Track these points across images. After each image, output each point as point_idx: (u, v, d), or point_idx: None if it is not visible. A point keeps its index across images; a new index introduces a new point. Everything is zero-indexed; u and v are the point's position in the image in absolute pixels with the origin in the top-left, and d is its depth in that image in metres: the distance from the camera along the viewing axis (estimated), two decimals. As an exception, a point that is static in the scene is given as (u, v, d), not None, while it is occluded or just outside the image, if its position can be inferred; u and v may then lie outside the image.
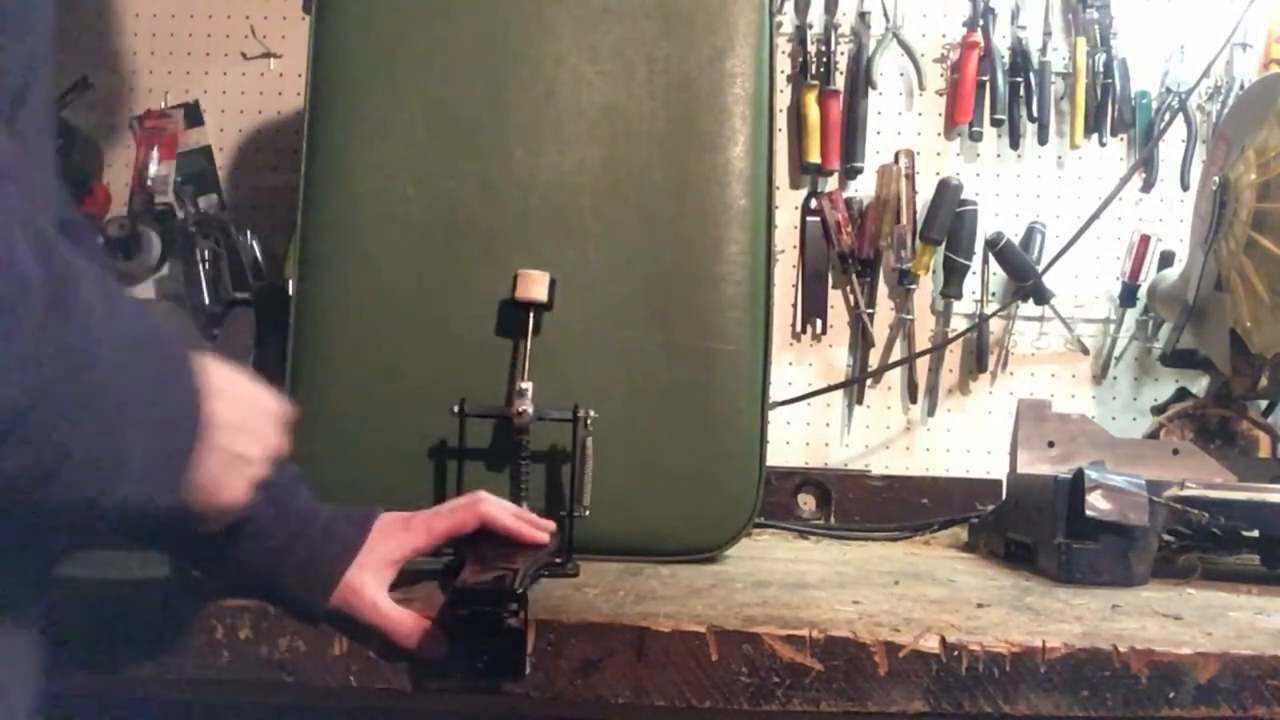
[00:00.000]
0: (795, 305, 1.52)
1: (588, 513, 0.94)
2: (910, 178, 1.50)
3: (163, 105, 1.54)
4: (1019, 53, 1.51)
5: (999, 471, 1.37)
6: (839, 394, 1.52)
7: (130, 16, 1.55)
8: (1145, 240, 1.51)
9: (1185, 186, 1.52)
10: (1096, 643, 0.68)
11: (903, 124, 1.54)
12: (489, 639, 0.67)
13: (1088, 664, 0.68)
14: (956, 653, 0.68)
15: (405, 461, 0.97)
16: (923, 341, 1.53)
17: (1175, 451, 1.17)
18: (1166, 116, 1.50)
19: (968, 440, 1.53)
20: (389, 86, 1.01)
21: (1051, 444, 1.18)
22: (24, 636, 0.56)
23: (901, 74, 1.54)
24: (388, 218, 0.99)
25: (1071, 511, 0.96)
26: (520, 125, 1.01)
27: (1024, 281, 1.49)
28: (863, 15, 1.52)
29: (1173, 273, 1.41)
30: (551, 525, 0.81)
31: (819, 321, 1.52)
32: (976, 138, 1.52)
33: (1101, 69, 1.51)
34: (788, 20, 1.51)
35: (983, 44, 1.50)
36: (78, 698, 0.75)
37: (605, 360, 0.99)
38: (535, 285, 0.97)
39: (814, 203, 1.52)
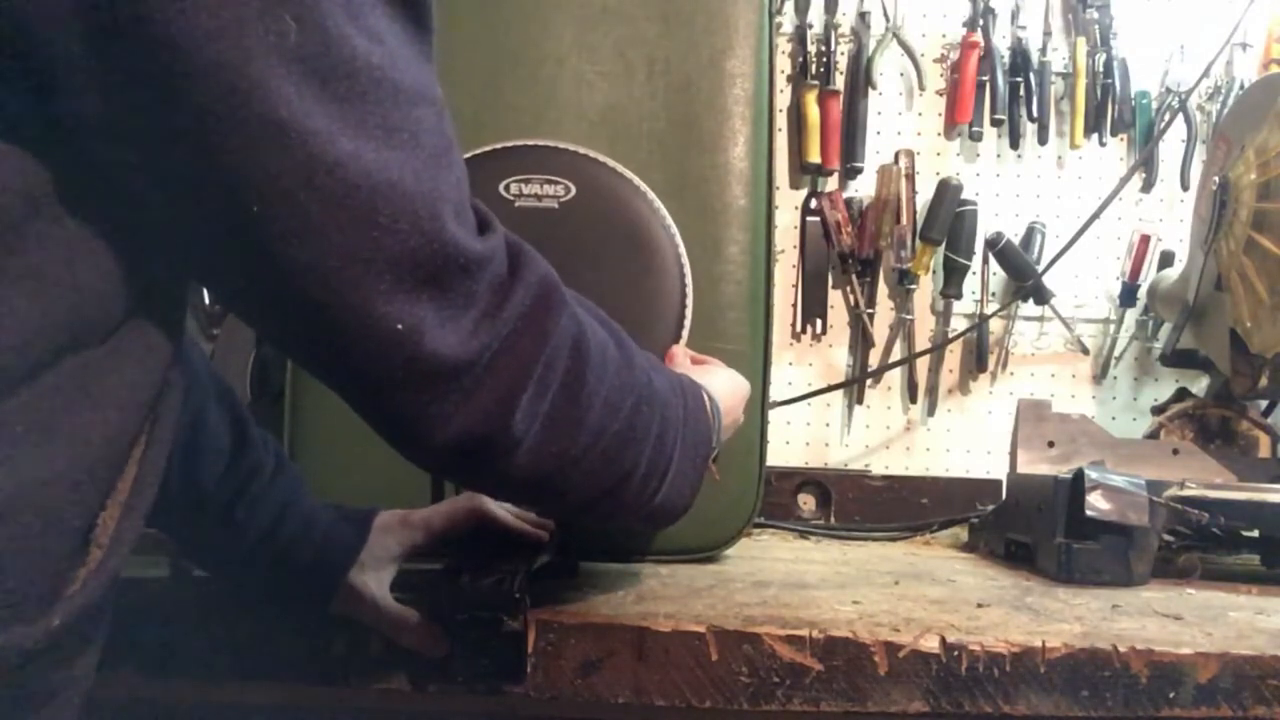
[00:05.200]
0: (795, 305, 1.52)
1: (588, 513, 0.94)
2: (910, 178, 1.50)
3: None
4: (1019, 53, 1.51)
5: (999, 471, 1.37)
6: (839, 394, 1.52)
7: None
8: (1145, 240, 1.51)
9: (1185, 186, 1.52)
10: (1096, 643, 0.68)
11: (903, 124, 1.54)
12: (489, 642, 0.67)
13: (1088, 664, 0.68)
14: (956, 653, 0.68)
15: (405, 461, 0.96)
16: (923, 341, 1.53)
17: (1175, 451, 1.17)
18: (1166, 116, 1.50)
19: (968, 440, 1.53)
20: (389, 86, 1.01)
21: (1051, 444, 1.18)
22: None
23: (901, 74, 1.54)
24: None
25: (1071, 511, 0.96)
26: (521, 125, 1.01)
27: (1024, 281, 1.49)
28: (863, 15, 1.52)
29: (1173, 273, 1.41)
30: (550, 523, 0.81)
31: (819, 321, 1.52)
32: (976, 138, 1.52)
33: (1101, 69, 1.51)
34: (788, 20, 1.51)
35: (983, 44, 1.50)
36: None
37: (605, 360, 0.99)
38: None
39: (814, 203, 1.52)
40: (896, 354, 1.52)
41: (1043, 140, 1.52)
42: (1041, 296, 1.50)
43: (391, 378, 0.48)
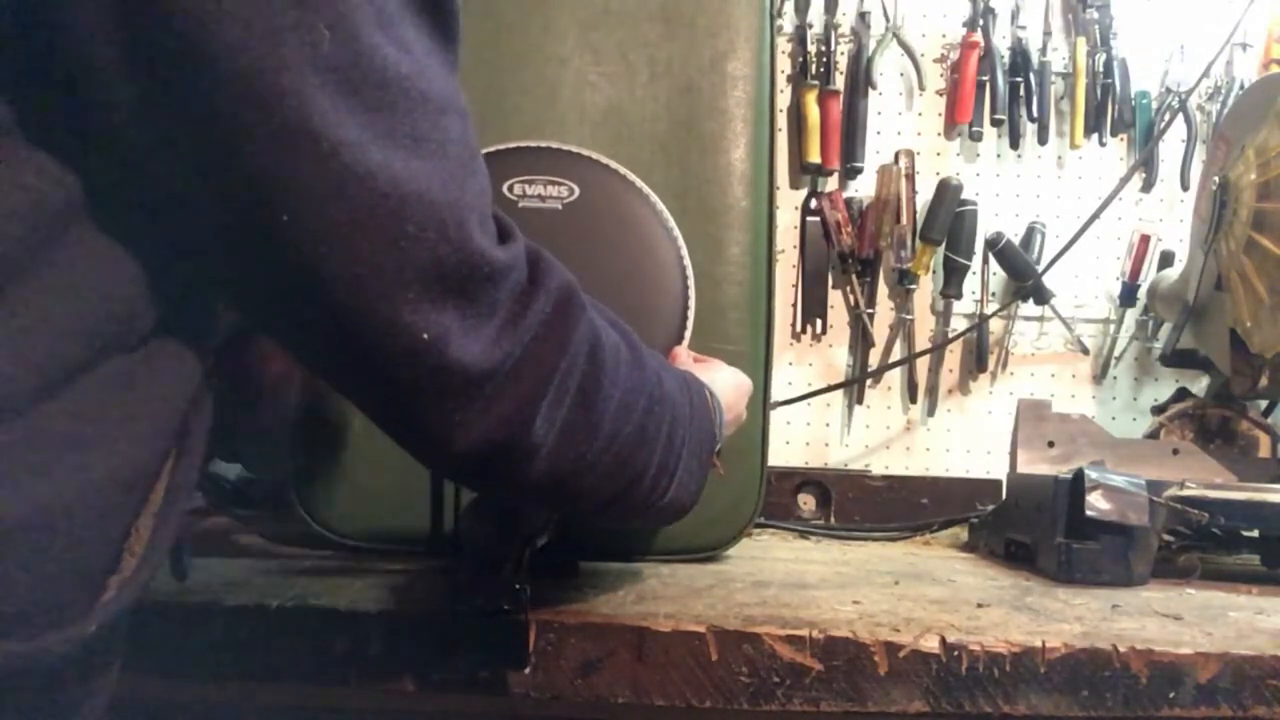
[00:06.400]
0: (795, 305, 1.52)
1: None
2: (910, 178, 1.50)
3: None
4: (1019, 53, 1.51)
5: (999, 471, 1.37)
6: (839, 394, 1.52)
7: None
8: (1145, 240, 1.51)
9: (1185, 186, 1.52)
10: (1096, 643, 0.68)
11: (903, 124, 1.54)
12: (491, 631, 0.67)
13: (1088, 664, 0.68)
14: (956, 653, 0.68)
15: (406, 457, 0.97)
16: (923, 341, 1.53)
17: (1175, 451, 1.17)
18: (1166, 116, 1.50)
19: (968, 440, 1.53)
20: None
21: (1051, 444, 1.18)
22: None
23: (901, 74, 1.54)
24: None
25: (1071, 511, 0.96)
26: (523, 126, 1.01)
27: (1024, 281, 1.49)
28: (863, 15, 1.52)
29: (1173, 273, 1.41)
30: None
31: (819, 321, 1.52)
32: (976, 138, 1.52)
33: (1101, 69, 1.51)
34: (788, 20, 1.51)
35: (983, 44, 1.50)
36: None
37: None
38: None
39: (814, 203, 1.52)
40: (896, 354, 1.52)
41: (1043, 140, 1.52)
42: (1041, 296, 1.50)
43: (416, 386, 0.48)
